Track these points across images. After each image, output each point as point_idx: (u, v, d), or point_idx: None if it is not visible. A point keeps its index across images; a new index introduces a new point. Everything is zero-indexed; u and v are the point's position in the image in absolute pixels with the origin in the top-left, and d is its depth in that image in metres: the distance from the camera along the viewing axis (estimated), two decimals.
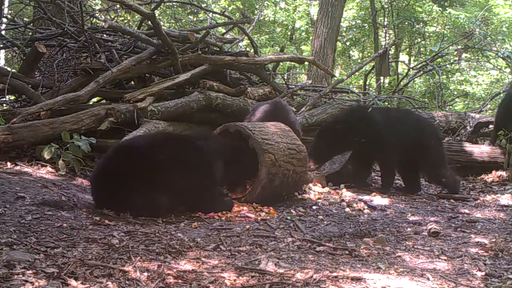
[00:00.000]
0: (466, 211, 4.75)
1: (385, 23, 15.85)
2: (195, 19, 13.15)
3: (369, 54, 16.72)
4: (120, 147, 4.33)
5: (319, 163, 5.52)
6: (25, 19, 8.76)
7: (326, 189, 5.32)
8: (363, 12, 16.48)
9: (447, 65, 11.68)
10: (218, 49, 7.31)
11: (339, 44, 14.78)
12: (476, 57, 11.73)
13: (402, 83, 11.21)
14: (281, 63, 9.70)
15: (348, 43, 17.41)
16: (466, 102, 13.10)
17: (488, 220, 4.37)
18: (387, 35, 16.66)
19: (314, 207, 4.58)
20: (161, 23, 7.84)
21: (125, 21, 9.71)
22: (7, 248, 2.69)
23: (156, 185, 3.85)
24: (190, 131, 5.87)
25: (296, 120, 5.82)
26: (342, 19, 13.90)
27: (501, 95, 9.84)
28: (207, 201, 4.19)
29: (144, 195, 3.82)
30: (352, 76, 13.39)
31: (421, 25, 14.93)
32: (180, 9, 12.97)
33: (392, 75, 13.18)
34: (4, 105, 6.77)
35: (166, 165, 3.94)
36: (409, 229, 3.95)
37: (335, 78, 9.86)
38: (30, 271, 2.40)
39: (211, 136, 4.57)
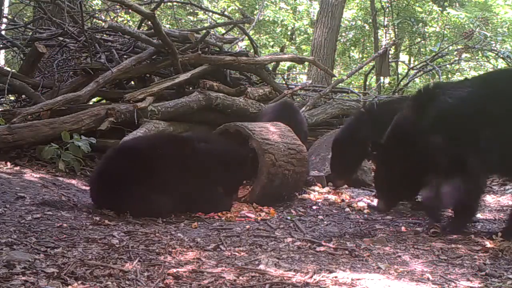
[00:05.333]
0: None
1: (385, 23, 15.86)
2: (195, 19, 13.15)
3: (369, 54, 16.71)
4: (121, 148, 4.33)
5: None
6: (25, 19, 8.75)
7: (326, 189, 5.32)
8: (363, 12, 16.48)
9: (447, 65, 11.67)
10: (218, 49, 7.31)
11: (339, 44, 14.77)
12: (476, 57, 11.73)
13: (402, 83, 11.19)
14: (281, 63, 9.69)
15: (348, 43, 17.40)
16: None
17: (488, 220, 4.36)
18: (387, 35, 16.66)
19: (314, 207, 4.59)
20: (161, 23, 7.83)
21: (125, 22, 9.70)
22: (7, 248, 2.69)
23: (156, 186, 3.85)
24: (192, 132, 5.85)
25: (303, 121, 5.81)
26: (342, 19, 13.89)
27: None
28: (207, 201, 4.19)
29: (145, 196, 3.82)
30: (352, 76, 13.38)
31: (421, 25, 14.93)
32: (180, 9, 12.96)
33: (392, 75, 13.17)
34: (4, 105, 6.77)
35: (167, 166, 3.95)
36: (409, 229, 3.95)
37: (335, 78, 9.86)
38: (30, 271, 2.39)
39: (212, 138, 4.56)
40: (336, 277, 2.72)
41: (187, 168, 4.04)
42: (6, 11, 8.19)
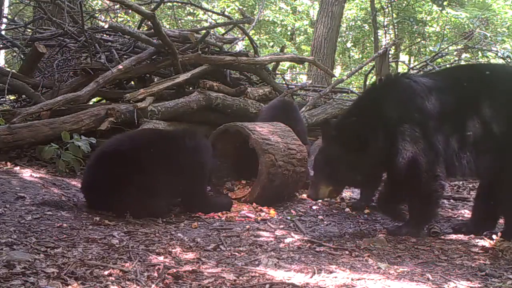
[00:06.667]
0: (466, 211, 4.74)
1: (385, 23, 15.85)
2: (194, 19, 13.13)
3: (369, 54, 16.71)
4: (103, 154, 3.97)
5: None
6: (25, 19, 8.76)
7: None
8: (363, 12, 16.49)
9: (447, 65, 11.68)
10: (218, 49, 7.31)
11: (339, 44, 14.77)
12: (476, 57, 11.73)
13: None
14: (281, 63, 9.70)
15: (348, 44, 17.41)
16: None
17: None
18: (387, 35, 16.65)
19: (314, 207, 4.58)
20: (161, 23, 7.83)
21: (125, 22, 9.70)
22: (7, 248, 2.69)
23: (148, 189, 3.72)
24: (175, 129, 5.68)
25: (300, 120, 5.78)
26: (342, 19, 13.89)
27: None
28: (204, 201, 4.16)
29: (139, 201, 3.71)
30: (352, 76, 13.39)
31: (421, 25, 14.93)
32: (180, 9, 12.95)
33: None
34: (4, 105, 6.77)
35: (154, 166, 3.80)
36: None
37: (335, 78, 9.86)
38: (30, 271, 2.39)
39: (196, 134, 4.43)
40: (336, 277, 2.72)
41: (176, 166, 3.89)
42: (6, 11, 8.20)
